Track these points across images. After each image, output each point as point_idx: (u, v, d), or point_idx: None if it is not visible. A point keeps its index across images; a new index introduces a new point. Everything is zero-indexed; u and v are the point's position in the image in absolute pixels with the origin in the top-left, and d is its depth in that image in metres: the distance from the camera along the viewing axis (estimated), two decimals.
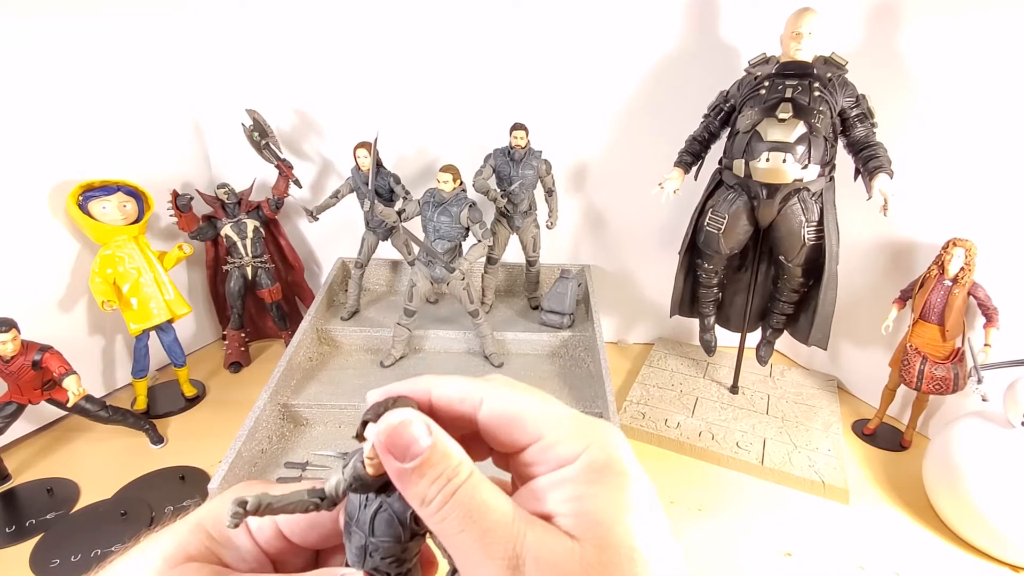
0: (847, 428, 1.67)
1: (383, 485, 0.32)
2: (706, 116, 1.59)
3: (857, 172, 1.45)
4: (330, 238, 2.09)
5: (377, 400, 0.30)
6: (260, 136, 1.77)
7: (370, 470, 0.30)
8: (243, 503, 0.29)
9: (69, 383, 1.35)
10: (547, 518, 0.26)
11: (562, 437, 0.27)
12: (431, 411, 0.30)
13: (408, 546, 0.34)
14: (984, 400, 1.35)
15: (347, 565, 0.34)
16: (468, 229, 1.63)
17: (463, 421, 0.30)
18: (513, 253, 1.94)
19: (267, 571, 0.33)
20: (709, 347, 1.81)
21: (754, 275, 1.63)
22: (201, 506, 0.33)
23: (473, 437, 0.31)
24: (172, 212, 1.72)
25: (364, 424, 0.30)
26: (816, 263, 1.48)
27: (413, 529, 0.33)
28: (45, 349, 1.35)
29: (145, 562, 0.29)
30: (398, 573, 0.34)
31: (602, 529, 0.25)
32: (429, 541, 0.33)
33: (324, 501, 0.32)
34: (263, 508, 0.30)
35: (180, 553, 0.30)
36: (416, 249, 1.70)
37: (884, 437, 1.63)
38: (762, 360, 1.77)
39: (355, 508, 0.32)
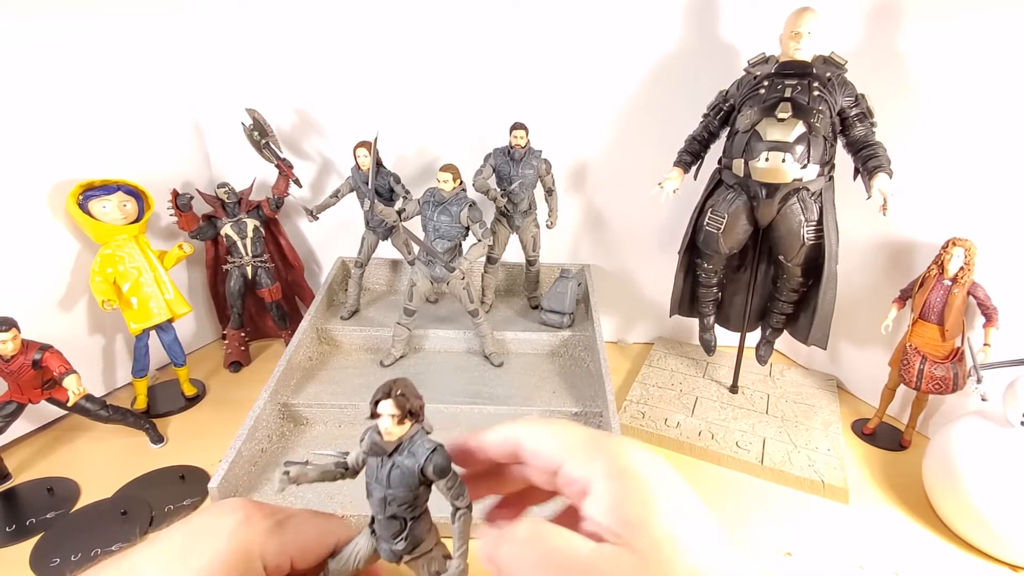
0: (847, 428, 1.67)
1: (393, 449, 0.43)
2: (705, 116, 1.59)
3: (856, 172, 1.45)
4: (330, 238, 2.09)
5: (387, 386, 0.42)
6: (260, 136, 1.77)
7: (387, 437, 0.41)
8: (287, 472, 0.40)
9: (69, 382, 1.35)
10: (595, 537, 0.29)
11: (578, 462, 0.32)
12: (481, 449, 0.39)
13: (419, 493, 0.44)
14: (984, 400, 1.35)
15: (371, 516, 0.45)
16: (468, 229, 1.63)
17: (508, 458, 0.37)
18: (513, 253, 1.94)
19: None
20: (709, 347, 1.82)
21: (754, 275, 1.63)
22: (226, 544, 0.36)
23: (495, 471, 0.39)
24: (172, 212, 1.72)
25: (376, 403, 0.40)
26: (815, 263, 1.48)
27: (420, 479, 0.43)
28: (45, 348, 1.35)
29: None
30: (412, 516, 0.44)
31: (636, 530, 0.28)
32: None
33: (348, 471, 0.43)
34: (301, 477, 0.42)
35: None
36: (416, 249, 1.70)
37: (884, 437, 1.63)
38: (762, 360, 1.77)
39: (374, 469, 0.42)
